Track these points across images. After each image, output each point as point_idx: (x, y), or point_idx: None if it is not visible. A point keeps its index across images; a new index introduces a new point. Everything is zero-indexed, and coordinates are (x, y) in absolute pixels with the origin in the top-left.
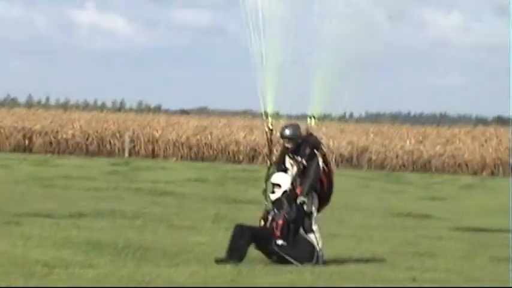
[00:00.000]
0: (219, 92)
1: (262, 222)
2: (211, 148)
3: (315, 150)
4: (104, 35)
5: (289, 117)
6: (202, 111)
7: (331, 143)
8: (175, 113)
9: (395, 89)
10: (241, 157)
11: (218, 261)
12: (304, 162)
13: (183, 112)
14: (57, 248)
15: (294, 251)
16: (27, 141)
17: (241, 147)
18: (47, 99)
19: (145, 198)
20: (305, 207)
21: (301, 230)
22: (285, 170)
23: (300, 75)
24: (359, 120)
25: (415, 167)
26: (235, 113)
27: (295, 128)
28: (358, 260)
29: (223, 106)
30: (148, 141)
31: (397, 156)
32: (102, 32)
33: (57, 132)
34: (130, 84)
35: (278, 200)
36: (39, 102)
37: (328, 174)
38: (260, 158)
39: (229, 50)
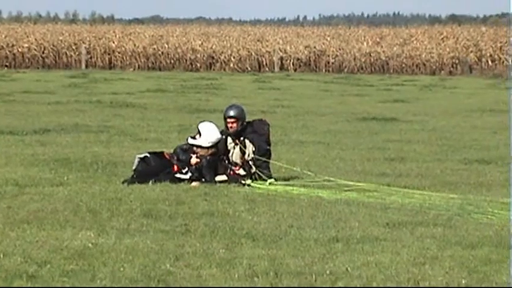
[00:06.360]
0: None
1: None
2: (168, 57)
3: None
4: None
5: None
6: (155, 20)
7: (288, 48)
8: (129, 22)
9: None
10: (198, 65)
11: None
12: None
13: (137, 21)
14: (25, 166)
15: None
16: None
17: (199, 55)
18: None
19: (106, 111)
20: None
21: None
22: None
23: None
24: (313, 23)
25: (373, 68)
26: (189, 21)
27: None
28: (328, 167)
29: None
30: (105, 52)
31: (354, 59)
32: None
33: (12, 46)
34: None
35: None
36: None
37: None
38: (218, 65)
39: None
